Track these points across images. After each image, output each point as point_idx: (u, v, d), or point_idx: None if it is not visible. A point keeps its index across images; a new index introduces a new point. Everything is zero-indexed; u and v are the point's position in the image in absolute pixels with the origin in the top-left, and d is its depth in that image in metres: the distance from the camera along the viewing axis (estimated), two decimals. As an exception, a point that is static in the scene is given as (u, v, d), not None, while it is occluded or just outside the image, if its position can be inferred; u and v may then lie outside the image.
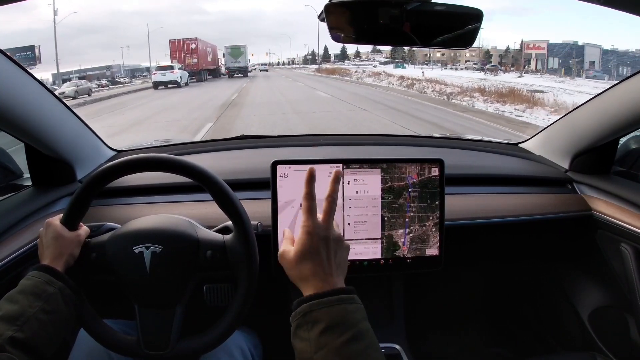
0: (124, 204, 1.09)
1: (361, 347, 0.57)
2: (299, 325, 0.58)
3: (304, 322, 0.58)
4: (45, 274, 0.70)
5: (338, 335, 0.56)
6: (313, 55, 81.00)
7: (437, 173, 0.96)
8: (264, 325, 1.09)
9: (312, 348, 0.56)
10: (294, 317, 0.59)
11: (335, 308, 0.58)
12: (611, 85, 1.06)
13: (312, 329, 0.57)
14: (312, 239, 0.63)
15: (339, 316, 0.58)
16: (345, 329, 0.57)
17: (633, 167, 1.24)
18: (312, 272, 0.62)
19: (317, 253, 0.63)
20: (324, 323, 0.57)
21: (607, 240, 1.11)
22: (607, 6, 0.63)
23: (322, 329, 0.56)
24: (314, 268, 0.62)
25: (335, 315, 0.57)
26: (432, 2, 0.74)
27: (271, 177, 0.92)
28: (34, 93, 0.94)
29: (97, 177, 0.78)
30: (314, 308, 0.58)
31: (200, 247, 0.79)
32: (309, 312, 0.58)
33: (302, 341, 0.58)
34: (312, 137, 1.53)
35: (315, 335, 0.56)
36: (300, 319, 0.59)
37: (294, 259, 0.63)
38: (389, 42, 0.83)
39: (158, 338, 0.78)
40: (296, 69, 64.22)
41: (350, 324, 0.57)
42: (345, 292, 0.61)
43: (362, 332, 0.58)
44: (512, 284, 1.45)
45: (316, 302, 0.58)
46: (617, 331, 1.15)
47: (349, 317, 0.58)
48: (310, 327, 0.57)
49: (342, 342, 0.55)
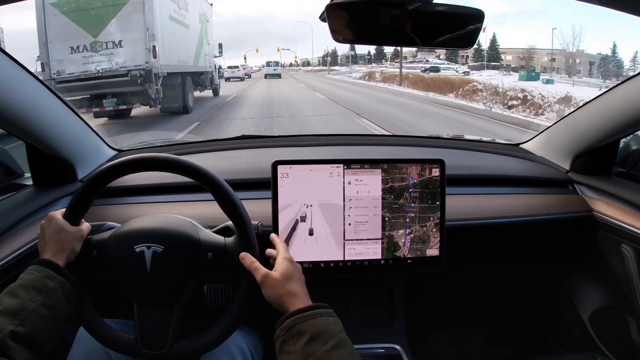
0: (125, 204, 1.09)
1: (345, 353, 0.62)
2: (284, 341, 0.64)
3: (289, 337, 0.63)
4: (46, 269, 0.70)
5: (322, 344, 0.61)
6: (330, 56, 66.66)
7: (437, 173, 0.96)
8: (264, 325, 1.09)
9: (299, 359, 0.61)
10: (279, 334, 0.65)
11: (318, 320, 0.64)
12: (612, 86, 1.06)
13: (298, 342, 0.62)
14: (294, 265, 0.74)
15: (322, 327, 0.63)
16: (328, 337, 0.62)
17: (634, 168, 1.23)
18: (296, 292, 0.70)
19: (298, 277, 0.73)
20: (308, 334, 0.62)
21: (608, 241, 1.11)
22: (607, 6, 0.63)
23: (307, 340, 0.61)
24: (297, 288, 0.70)
25: (318, 326, 0.63)
26: (434, 3, 0.74)
27: (272, 177, 0.92)
28: (35, 92, 0.94)
29: (98, 177, 0.78)
30: (299, 321, 0.64)
31: (201, 248, 0.79)
32: (294, 326, 0.64)
33: (288, 355, 0.63)
34: (313, 137, 1.53)
35: (300, 346, 0.61)
36: (285, 334, 0.64)
37: (280, 279, 0.71)
38: (390, 43, 0.83)
39: (156, 337, 0.78)
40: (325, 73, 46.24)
41: (333, 333, 0.63)
42: (323, 308, 0.67)
43: (343, 340, 0.63)
44: (512, 284, 1.45)
45: (300, 316, 0.64)
46: (617, 332, 1.15)
47: (330, 328, 0.64)
48: (296, 340, 0.62)
49: (327, 349, 0.61)
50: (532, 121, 9.99)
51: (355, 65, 58.84)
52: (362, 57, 69.94)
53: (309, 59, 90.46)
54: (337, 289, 1.18)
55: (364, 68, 49.96)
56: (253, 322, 0.99)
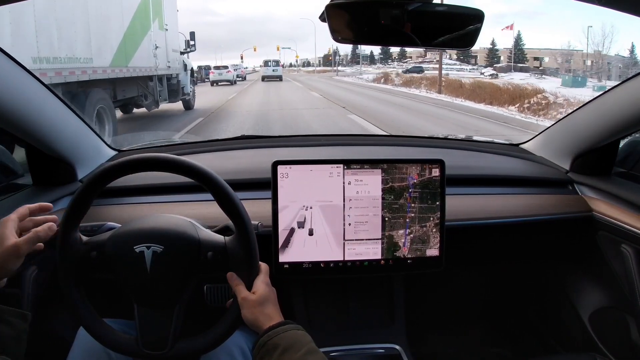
0: (125, 204, 1.09)
1: (318, 358, 0.68)
2: (261, 358, 0.70)
3: (265, 352, 0.69)
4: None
5: (295, 352, 0.67)
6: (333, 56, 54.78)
7: (437, 174, 0.96)
8: None
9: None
10: (256, 353, 0.71)
11: (288, 333, 0.71)
12: (612, 86, 1.06)
13: (273, 354, 0.68)
14: (270, 289, 0.78)
15: (292, 338, 0.70)
16: (300, 346, 0.68)
17: (634, 168, 1.24)
18: (271, 314, 0.75)
19: (274, 300, 0.78)
20: (281, 346, 0.68)
21: (608, 241, 1.11)
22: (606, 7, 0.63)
23: (281, 351, 0.68)
24: (272, 311, 0.76)
25: (289, 338, 0.70)
26: (433, 3, 0.74)
27: (272, 177, 0.92)
28: (35, 92, 0.94)
29: (97, 177, 0.78)
30: (271, 337, 0.70)
31: (201, 248, 0.79)
32: (268, 341, 0.70)
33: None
34: (313, 137, 1.53)
35: (276, 357, 0.67)
36: (261, 350, 0.70)
37: (258, 302, 0.76)
38: (389, 43, 0.83)
39: (157, 338, 0.78)
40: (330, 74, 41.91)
41: (304, 343, 0.69)
42: (291, 323, 0.74)
43: (314, 348, 0.70)
44: (512, 284, 1.45)
45: (272, 332, 0.71)
46: (617, 332, 1.15)
47: (301, 339, 0.70)
48: (271, 353, 0.68)
49: (300, 355, 0.67)
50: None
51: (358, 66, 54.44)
52: (365, 57, 64.65)
53: (309, 59, 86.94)
54: (337, 289, 1.18)
55: (369, 68, 46.95)
56: None
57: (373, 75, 33.86)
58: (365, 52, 62.82)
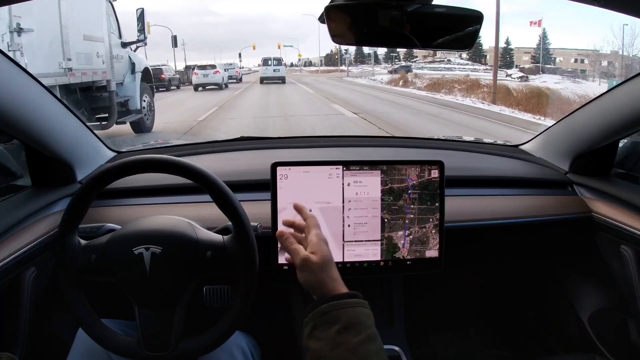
0: (124, 205, 1.09)
1: (375, 348, 0.60)
2: (315, 326, 0.61)
3: (321, 323, 0.61)
4: None
5: (354, 335, 0.59)
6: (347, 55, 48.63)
7: (437, 175, 0.96)
8: (262, 329, 1.09)
9: (329, 346, 0.59)
10: (311, 318, 0.63)
11: (354, 309, 0.62)
12: (611, 87, 1.06)
13: (330, 329, 0.60)
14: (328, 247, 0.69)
15: (356, 317, 0.61)
16: (361, 329, 0.60)
17: (633, 169, 1.24)
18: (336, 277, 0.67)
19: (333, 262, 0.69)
20: (342, 322, 0.60)
21: (607, 242, 1.11)
22: (606, 8, 0.63)
23: (339, 328, 0.59)
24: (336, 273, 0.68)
25: (353, 316, 0.61)
26: (433, 4, 0.74)
27: (271, 179, 0.92)
28: (34, 94, 0.94)
29: (96, 178, 0.78)
30: (335, 308, 0.61)
31: (200, 247, 0.79)
32: (329, 312, 0.61)
33: (318, 341, 0.60)
34: (312, 138, 1.53)
35: (332, 334, 0.59)
36: (318, 319, 0.62)
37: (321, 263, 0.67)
38: (389, 44, 0.83)
39: (158, 339, 0.78)
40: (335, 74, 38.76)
41: (366, 326, 0.61)
42: (359, 297, 0.65)
43: (374, 335, 0.61)
44: (512, 285, 1.45)
45: (337, 303, 0.62)
46: (617, 333, 1.15)
47: (365, 320, 0.62)
48: (328, 326, 0.60)
49: (358, 341, 0.59)
50: None
51: (363, 65, 51.78)
52: (368, 57, 61.06)
53: (311, 58, 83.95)
54: None
55: (377, 68, 44.06)
56: (251, 326, 0.99)
57: (387, 76, 29.53)
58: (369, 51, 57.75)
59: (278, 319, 1.22)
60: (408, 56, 51.61)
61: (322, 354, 0.59)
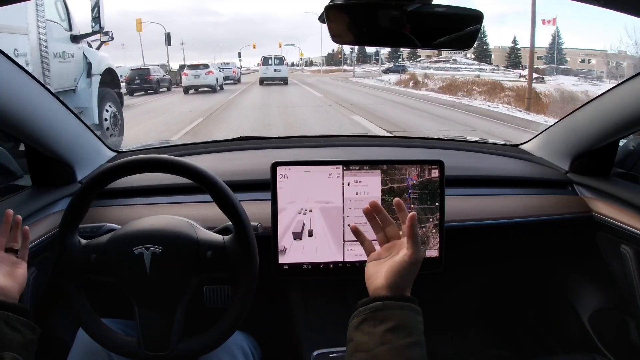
0: (124, 205, 1.09)
1: (421, 354, 0.60)
2: (364, 319, 0.62)
3: (372, 318, 0.61)
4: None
5: (403, 337, 0.59)
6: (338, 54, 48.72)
7: (437, 174, 0.96)
8: (262, 329, 1.09)
9: (375, 342, 0.59)
10: (362, 311, 0.63)
11: (406, 313, 0.62)
12: (612, 86, 1.06)
13: (379, 325, 0.60)
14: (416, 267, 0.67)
15: (407, 320, 0.61)
16: (410, 332, 0.60)
17: (633, 168, 1.24)
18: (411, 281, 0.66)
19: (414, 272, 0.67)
20: (392, 322, 0.60)
21: (607, 242, 1.11)
22: (606, 7, 0.63)
23: (389, 327, 0.60)
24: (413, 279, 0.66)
25: (405, 318, 0.61)
26: (433, 4, 0.74)
27: (271, 179, 0.92)
28: (34, 94, 0.94)
29: (97, 178, 0.78)
30: (389, 307, 0.61)
31: (200, 247, 0.79)
32: (382, 310, 0.61)
33: (364, 335, 0.61)
34: (312, 138, 1.53)
35: (381, 331, 0.60)
36: (369, 314, 0.62)
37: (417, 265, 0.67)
38: (389, 44, 0.83)
39: (158, 339, 0.78)
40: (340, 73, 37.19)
41: (416, 331, 0.61)
42: (416, 304, 0.64)
43: (422, 342, 0.61)
44: (512, 285, 1.45)
45: (391, 303, 0.62)
46: (617, 333, 1.15)
47: (415, 325, 0.62)
48: (378, 323, 0.60)
49: (406, 344, 0.59)
50: None
51: (366, 65, 50.29)
52: (371, 56, 59.23)
53: (312, 58, 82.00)
54: (336, 290, 1.18)
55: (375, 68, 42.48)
56: (248, 326, 0.99)
57: (394, 76, 27.52)
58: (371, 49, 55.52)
59: (278, 319, 1.22)
60: (412, 55, 50.74)
61: (366, 347, 0.60)
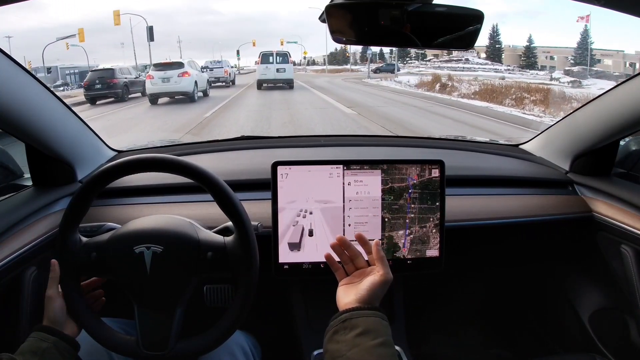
0: (125, 204, 1.09)
1: (390, 352, 0.66)
2: (336, 331, 0.68)
3: (342, 328, 0.68)
4: (40, 332, 0.76)
5: (371, 339, 0.65)
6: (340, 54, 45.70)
7: (437, 174, 0.96)
8: (262, 329, 1.09)
9: (347, 347, 0.65)
10: (333, 324, 0.70)
11: (372, 319, 0.68)
12: (612, 87, 1.06)
13: (349, 333, 0.67)
14: (386, 286, 0.74)
15: (374, 325, 0.68)
16: (378, 335, 0.66)
17: (633, 168, 1.24)
18: (379, 297, 0.74)
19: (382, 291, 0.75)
20: (360, 328, 0.66)
21: (608, 242, 1.11)
22: (606, 7, 0.63)
23: (358, 333, 0.66)
24: (381, 296, 0.74)
25: (371, 323, 0.68)
26: (433, 4, 0.74)
27: (271, 178, 0.92)
28: (35, 93, 0.94)
29: (97, 178, 0.78)
30: (355, 316, 0.68)
31: (200, 248, 0.79)
32: (350, 319, 0.68)
33: (337, 344, 0.67)
34: (313, 137, 1.53)
35: (351, 337, 0.66)
36: (339, 324, 0.68)
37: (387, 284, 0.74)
38: (389, 44, 0.83)
39: (157, 339, 0.78)
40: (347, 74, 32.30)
41: (382, 333, 0.67)
42: (380, 311, 0.71)
43: (390, 342, 0.68)
44: (512, 285, 1.45)
45: (356, 312, 0.69)
46: (617, 333, 1.15)
47: (382, 329, 0.68)
48: (348, 331, 0.67)
49: (375, 344, 0.65)
50: None
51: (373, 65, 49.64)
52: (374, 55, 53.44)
53: (314, 57, 79.99)
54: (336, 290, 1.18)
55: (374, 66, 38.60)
56: (248, 326, 0.99)
57: (412, 78, 22.88)
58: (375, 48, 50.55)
59: (278, 319, 1.22)
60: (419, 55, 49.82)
61: (340, 353, 0.65)
